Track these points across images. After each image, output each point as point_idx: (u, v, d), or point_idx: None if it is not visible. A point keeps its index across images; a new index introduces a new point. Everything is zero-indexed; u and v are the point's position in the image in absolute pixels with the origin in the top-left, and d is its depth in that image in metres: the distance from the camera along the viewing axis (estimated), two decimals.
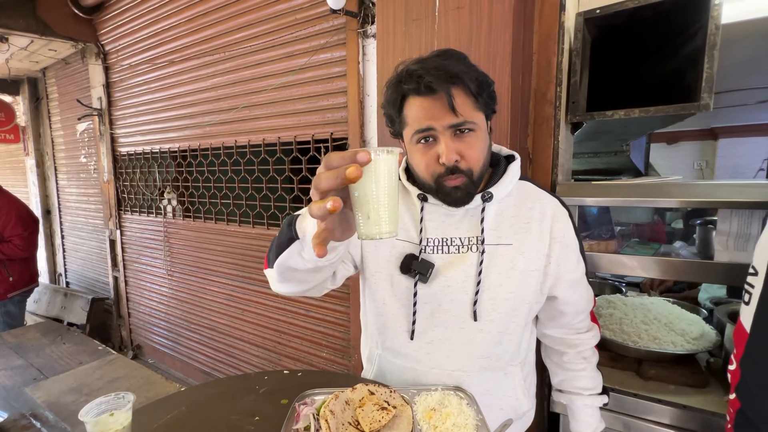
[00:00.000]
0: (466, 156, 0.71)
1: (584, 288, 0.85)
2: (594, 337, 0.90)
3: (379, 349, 0.91)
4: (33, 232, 2.64)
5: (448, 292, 0.79)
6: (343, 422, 0.72)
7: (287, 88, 1.97)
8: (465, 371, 0.81)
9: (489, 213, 0.78)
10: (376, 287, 0.85)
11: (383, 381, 0.93)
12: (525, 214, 0.79)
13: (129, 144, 3.00)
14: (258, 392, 0.88)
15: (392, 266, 0.82)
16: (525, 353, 0.86)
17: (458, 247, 0.79)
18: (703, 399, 1.05)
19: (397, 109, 0.75)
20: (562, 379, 0.94)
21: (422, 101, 0.70)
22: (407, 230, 0.82)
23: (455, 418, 0.71)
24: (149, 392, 1.52)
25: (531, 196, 0.81)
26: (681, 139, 4.90)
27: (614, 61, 1.38)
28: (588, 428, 0.91)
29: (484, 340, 0.79)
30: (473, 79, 0.70)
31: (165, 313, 2.93)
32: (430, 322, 0.81)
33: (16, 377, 1.67)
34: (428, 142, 0.72)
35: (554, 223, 0.79)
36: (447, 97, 0.67)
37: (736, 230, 0.91)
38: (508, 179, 0.78)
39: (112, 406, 0.69)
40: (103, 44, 2.99)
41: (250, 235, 2.28)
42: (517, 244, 0.77)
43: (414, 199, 0.82)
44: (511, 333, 0.80)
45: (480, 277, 0.77)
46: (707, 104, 1.08)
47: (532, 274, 0.78)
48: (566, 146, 1.38)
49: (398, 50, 1.42)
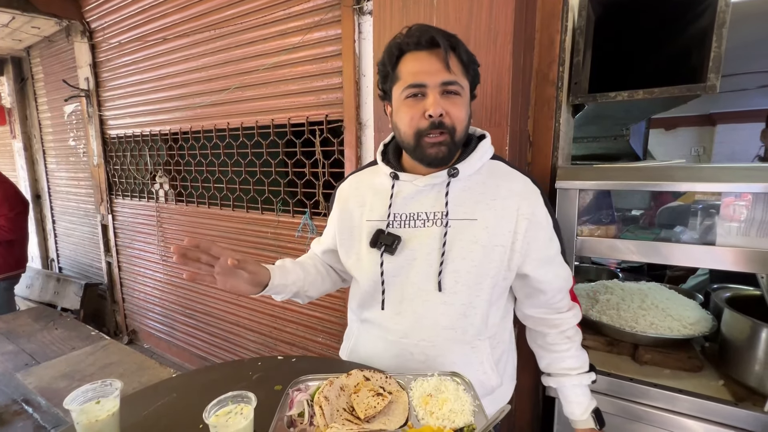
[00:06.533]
0: (451, 113, 0.75)
1: (559, 266, 0.86)
2: (575, 316, 0.91)
3: (358, 322, 0.95)
4: (20, 213, 2.56)
5: (414, 264, 0.82)
6: (337, 408, 0.71)
7: (280, 68, 1.91)
8: (431, 342, 0.83)
9: (454, 189, 0.81)
10: (354, 265, 0.91)
11: (357, 354, 0.96)
12: (492, 192, 0.81)
13: (118, 126, 2.92)
14: (251, 378, 0.87)
15: (364, 243, 0.87)
16: (494, 330, 0.87)
17: (424, 221, 0.82)
18: (698, 383, 1.06)
19: (393, 65, 0.78)
20: (549, 362, 0.94)
21: (419, 55, 0.75)
22: (377, 210, 0.87)
23: (452, 403, 0.69)
24: (143, 377, 1.51)
25: (500, 175, 0.84)
26: (679, 125, 4.88)
27: (618, 41, 1.34)
28: (579, 408, 0.90)
29: (448, 311, 0.82)
30: (466, 52, 0.77)
31: (160, 299, 2.91)
32: (399, 293, 0.85)
33: (7, 363, 1.65)
34: (417, 97, 0.75)
35: (522, 200, 0.80)
36: (445, 52, 0.72)
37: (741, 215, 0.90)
38: (477, 157, 0.81)
39: (99, 393, 0.67)
40: (89, 21, 2.87)
41: (244, 219, 2.25)
42: (481, 219, 0.80)
43: (385, 179, 0.87)
44: (476, 307, 0.82)
45: (444, 248, 0.79)
46: (713, 85, 1.05)
47: (496, 249, 0.80)
48: (567, 129, 1.35)
49: (395, 28, 1.36)
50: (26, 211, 2.65)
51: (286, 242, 2.07)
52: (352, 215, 0.91)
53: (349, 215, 0.91)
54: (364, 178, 0.94)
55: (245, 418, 0.62)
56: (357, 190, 0.93)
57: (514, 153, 1.23)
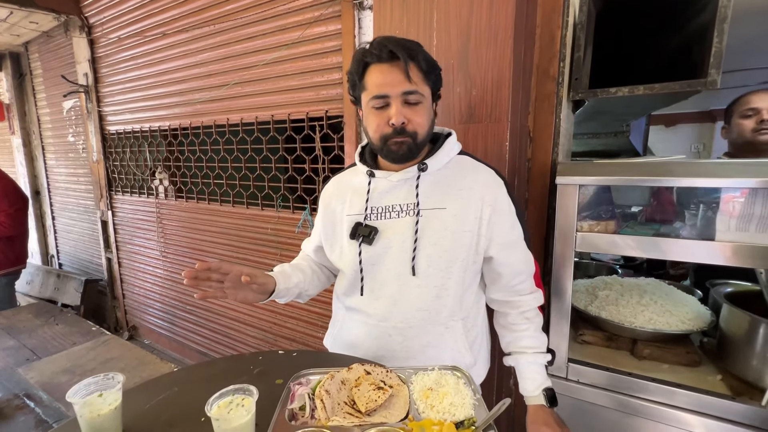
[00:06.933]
0: (412, 120, 0.84)
1: (521, 251, 0.93)
2: (536, 299, 0.96)
3: (343, 309, 1.01)
4: (19, 210, 2.56)
5: (390, 252, 0.90)
6: (339, 402, 0.71)
7: (280, 63, 1.90)
8: (407, 323, 0.90)
9: (424, 182, 0.90)
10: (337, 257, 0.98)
11: (342, 339, 1.02)
12: (459, 183, 0.90)
13: (118, 122, 2.91)
14: (252, 372, 0.87)
15: (345, 236, 0.95)
16: (468, 312, 0.95)
17: (398, 212, 0.90)
18: (696, 377, 1.06)
19: (359, 75, 0.86)
20: (509, 341, 0.99)
21: (382, 67, 0.82)
22: (356, 206, 0.94)
23: (452, 397, 0.70)
24: (143, 372, 1.51)
25: (467, 168, 0.93)
26: (679, 122, 4.86)
27: (618, 37, 1.34)
28: (533, 384, 0.94)
29: (422, 293, 0.89)
30: (425, 60, 0.84)
31: (160, 294, 2.92)
32: (377, 280, 0.92)
33: (8, 358, 1.66)
34: (382, 108, 0.84)
35: (486, 190, 0.89)
36: (404, 63, 0.80)
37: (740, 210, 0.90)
38: (444, 152, 0.91)
39: (101, 386, 0.68)
40: (87, 16, 2.86)
41: (244, 215, 2.25)
42: (450, 208, 0.88)
43: (362, 177, 0.95)
44: (448, 288, 0.89)
45: (416, 236, 0.87)
46: (714, 80, 1.04)
47: (465, 234, 0.88)
48: (567, 125, 1.35)
49: (395, 23, 1.36)
50: (26, 207, 2.65)
51: (286, 238, 2.07)
52: (334, 212, 0.99)
53: (332, 213, 1.00)
54: (345, 178, 1.02)
55: (247, 411, 0.62)
56: (338, 189, 1.01)
57: (514, 149, 1.23)
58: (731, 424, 0.96)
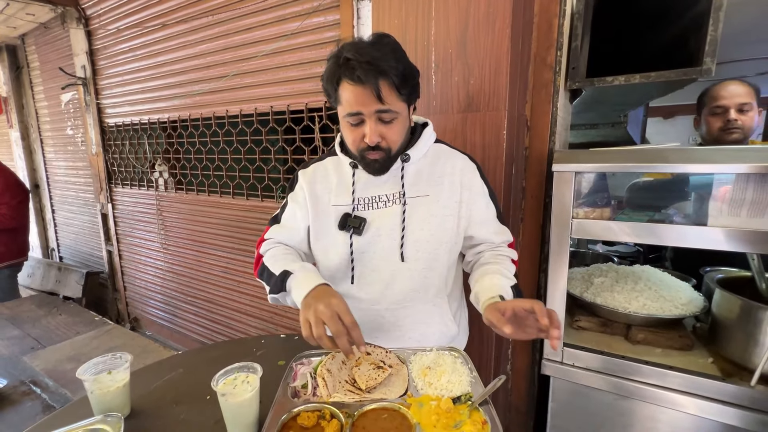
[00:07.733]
0: (386, 137, 0.86)
1: (497, 226, 0.98)
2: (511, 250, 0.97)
3: None
4: (21, 202, 2.57)
5: (379, 240, 0.93)
6: (340, 380, 0.73)
7: (279, 54, 1.90)
8: (399, 304, 0.95)
9: (408, 171, 0.93)
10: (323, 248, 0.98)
11: None
12: (439, 170, 0.94)
13: (117, 115, 2.91)
14: (255, 354, 0.89)
15: (333, 226, 0.95)
16: (451, 288, 1.00)
17: (385, 202, 0.93)
18: (688, 360, 1.09)
19: (333, 89, 0.85)
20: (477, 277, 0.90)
21: (354, 88, 0.81)
22: (342, 196, 0.96)
23: (449, 375, 0.72)
24: (147, 360, 1.54)
25: (444, 155, 0.97)
26: (677, 114, 4.87)
27: (616, 26, 1.34)
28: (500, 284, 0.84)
29: (411, 277, 0.93)
30: (399, 74, 0.81)
31: (161, 286, 2.94)
32: (367, 267, 0.94)
33: (13, 347, 1.68)
34: (357, 124, 0.85)
35: (463, 174, 0.94)
36: (374, 89, 0.79)
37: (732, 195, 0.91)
38: (423, 142, 0.94)
39: (110, 365, 0.70)
40: (84, 8, 2.84)
41: (244, 207, 2.26)
42: (433, 194, 0.92)
43: (346, 167, 0.96)
44: (435, 269, 0.94)
45: (404, 224, 0.91)
46: (709, 69, 1.06)
47: (448, 218, 0.93)
48: (564, 114, 1.36)
49: (394, 12, 1.36)
50: (27, 199, 2.67)
51: None
52: (320, 199, 0.98)
53: (318, 199, 0.98)
54: (328, 165, 1.01)
55: (252, 387, 0.65)
56: (323, 176, 1.00)
57: (512, 137, 1.25)
58: (722, 404, 0.99)
